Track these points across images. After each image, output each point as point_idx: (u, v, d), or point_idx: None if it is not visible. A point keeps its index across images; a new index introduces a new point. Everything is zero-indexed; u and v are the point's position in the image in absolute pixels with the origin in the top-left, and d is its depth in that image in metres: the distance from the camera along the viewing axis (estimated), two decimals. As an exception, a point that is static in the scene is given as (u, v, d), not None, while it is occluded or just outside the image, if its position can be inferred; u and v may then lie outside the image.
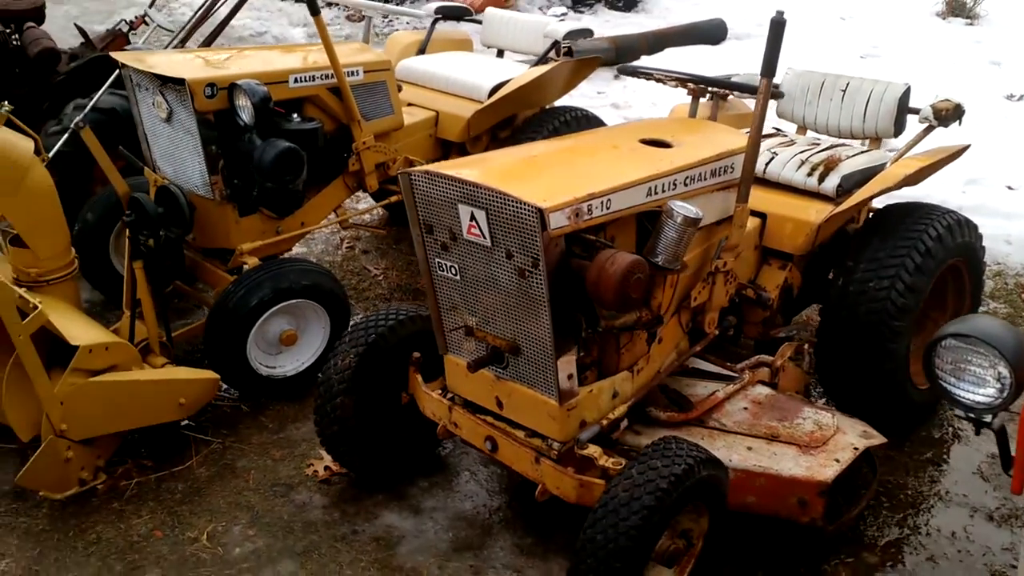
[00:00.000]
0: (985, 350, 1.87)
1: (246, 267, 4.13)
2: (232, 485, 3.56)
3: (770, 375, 3.58)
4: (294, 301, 3.97)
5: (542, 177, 2.88)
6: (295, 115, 4.25)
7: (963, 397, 1.97)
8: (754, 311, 3.78)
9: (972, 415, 2.02)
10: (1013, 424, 2.08)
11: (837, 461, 3.15)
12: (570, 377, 2.86)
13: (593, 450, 2.90)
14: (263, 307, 3.88)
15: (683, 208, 2.86)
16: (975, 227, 3.92)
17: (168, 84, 4.03)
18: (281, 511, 3.42)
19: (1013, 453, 2.01)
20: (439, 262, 2.99)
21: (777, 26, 3.02)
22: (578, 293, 2.78)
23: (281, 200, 4.24)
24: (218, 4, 6.57)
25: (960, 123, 3.94)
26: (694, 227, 2.89)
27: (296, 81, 4.31)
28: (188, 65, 4.18)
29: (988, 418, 2.02)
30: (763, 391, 3.51)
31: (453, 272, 2.97)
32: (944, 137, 4.07)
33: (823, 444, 3.22)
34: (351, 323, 4.08)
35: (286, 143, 3.98)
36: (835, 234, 3.87)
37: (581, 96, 7.82)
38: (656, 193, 2.98)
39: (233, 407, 4.02)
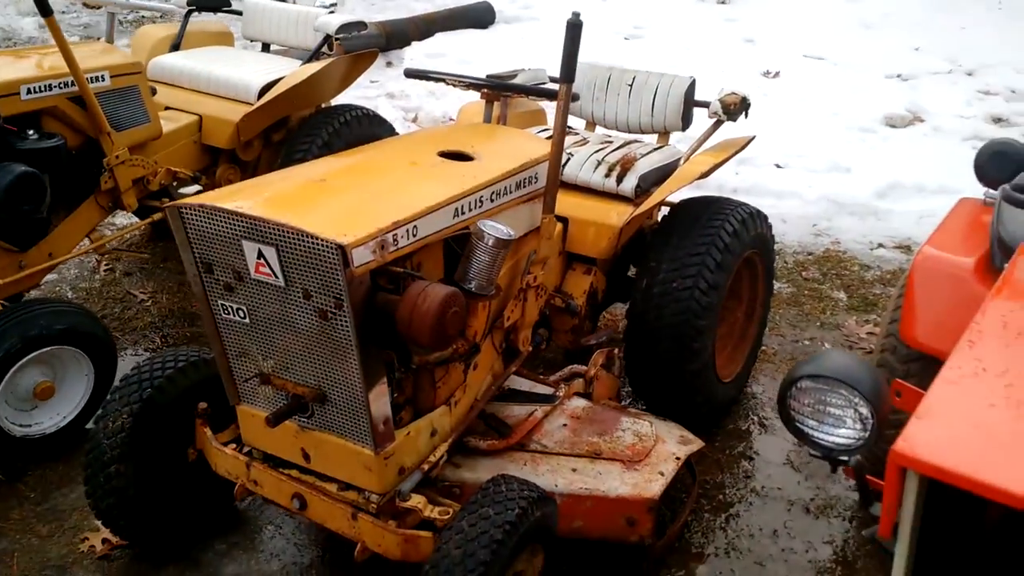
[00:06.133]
0: (845, 390, 1.78)
1: (-16, 313, 3.53)
2: (-12, 577, 3.02)
3: (584, 385, 3.48)
4: (48, 349, 3.43)
5: (337, 204, 2.55)
6: (31, 131, 3.68)
7: (823, 439, 1.88)
8: (563, 319, 3.65)
9: (831, 456, 1.94)
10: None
11: (662, 474, 3.08)
12: (385, 422, 2.58)
13: (416, 500, 2.64)
14: (9, 360, 3.32)
15: (494, 229, 2.64)
16: (765, 217, 3.97)
17: None
18: (53, 602, 2.93)
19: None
20: (223, 304, 2.61)
21: (574, 28, 2.83)
22: (387, 329, 2.49)
23: (21, 231, 3.67)
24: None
25: (746, 116, 3.98)
26: (506, 248, 2.68)
27: (29, 92, 3.73)
28: None
29: (846, 457, 1.95)
30: (580, 404, 3.40)
31: (241, 315, 2.60)
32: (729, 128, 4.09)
33: (645, 457, 3.14)
34: (119, 367, 3.61)
35: (22, 167, 3.43)
36: (634, 233, 3.81)
37: (354, 87, 7.42)
38: (463, 213, 2.74)
39: (-17, 478, 3.43)
